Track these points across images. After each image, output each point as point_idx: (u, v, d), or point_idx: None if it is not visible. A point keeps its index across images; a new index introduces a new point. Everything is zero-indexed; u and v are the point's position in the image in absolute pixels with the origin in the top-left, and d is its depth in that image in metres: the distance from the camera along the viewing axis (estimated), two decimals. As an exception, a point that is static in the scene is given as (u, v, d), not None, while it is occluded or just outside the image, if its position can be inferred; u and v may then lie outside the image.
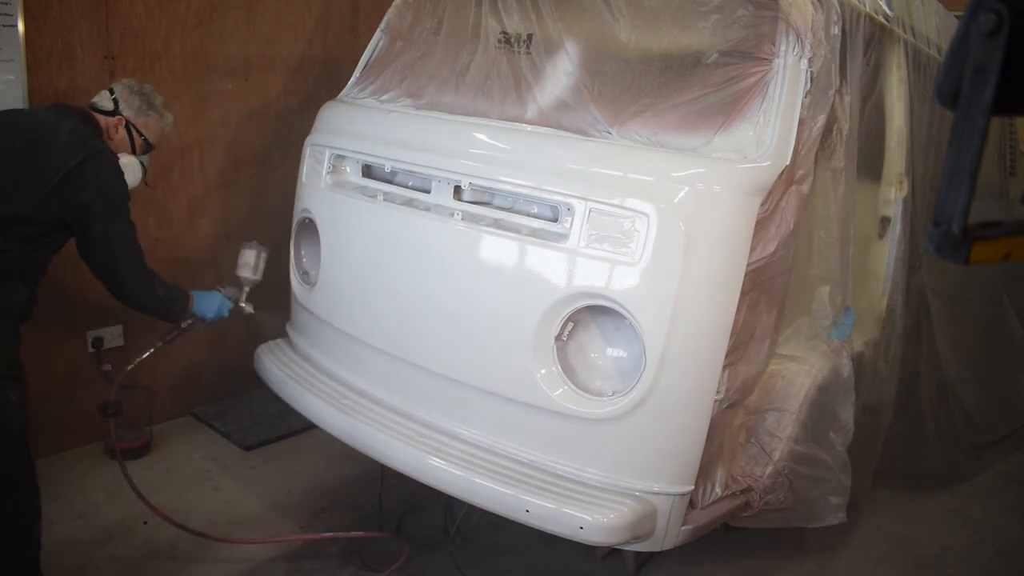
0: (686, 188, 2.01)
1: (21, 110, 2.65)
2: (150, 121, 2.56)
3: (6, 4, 2.82)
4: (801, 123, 2.08)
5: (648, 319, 2.02)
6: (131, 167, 2.50)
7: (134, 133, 2.53)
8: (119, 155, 2.46)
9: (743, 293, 2.05)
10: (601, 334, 2.19)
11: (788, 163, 2.05)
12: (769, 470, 2.37)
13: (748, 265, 2.05)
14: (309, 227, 2.77)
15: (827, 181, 2.40)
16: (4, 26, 2.83)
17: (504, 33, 2.48)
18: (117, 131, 2.50)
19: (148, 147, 2.58)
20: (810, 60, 2.08)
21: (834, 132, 2.33)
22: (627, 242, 2.02)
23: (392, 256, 2.44)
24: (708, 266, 2.01)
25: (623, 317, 2.08)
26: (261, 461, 3.39)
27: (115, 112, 2.50)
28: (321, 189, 2.69)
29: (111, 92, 2.51)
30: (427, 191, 2.41)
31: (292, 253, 2.90)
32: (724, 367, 2.09)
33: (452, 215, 2.31)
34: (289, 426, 3.52)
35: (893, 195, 2.93)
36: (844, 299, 2.59)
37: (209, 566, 2.69)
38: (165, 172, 3.42)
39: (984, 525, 3.40)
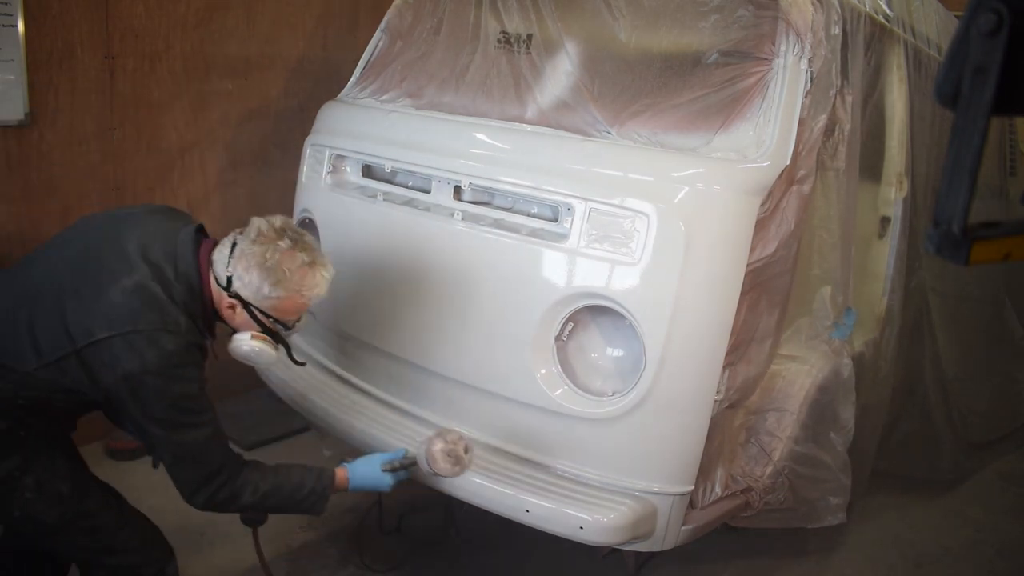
0: (686, 188, 2.01)
1: (119, 219, 1.88)
2: (281, 303, 1.82)
3: (6, 4, 2.82)
4: (801, 123, 2.08)
5: (648, 319, 2.02)
6: (257, 354, 1.88)
7: (259, 315, 1.84)
8: (241, 335, 1.87)
9: (743, 293, 2.05)
10: (601, 334, 2.19)
11: (788, 163, 2.05)
12: (769, 470, 2.37)
13: (748, 265, 2.05)
14: (309, 227, 2.77)
15: (828, 181, 2.40)
16: (4, 26, 2.83)
17: (504, 33, 2.48)
18: (233, 312, 1.84)
19: (286, 326, 1.90)
20: (810, 60, 2.08)
21: (835, 132, 2.33)
22: (627, 242, 2.02)
23: (392, 256, 2.44)
24: (708, 266, 2.01)
25: (623, 317, 2.08)
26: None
27: (229, 289, 1.81)
28: (321, 189, 2.69)
29: (232, 248, 1.81)
30: (427, 191, 2.41)
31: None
32: (724, 367, 2.09)
33: (452, 215, 2.31)
34: (289, 426, 3.52)
35: (893, 195, 2.93)
36: (845, 299, 2.59)
37: (209, 565, 2.69)
38: (165, 172, 3.43)
39: (984, 525, 3.40)
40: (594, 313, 2.15)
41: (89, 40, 3.08)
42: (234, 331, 1.89)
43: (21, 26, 2.87)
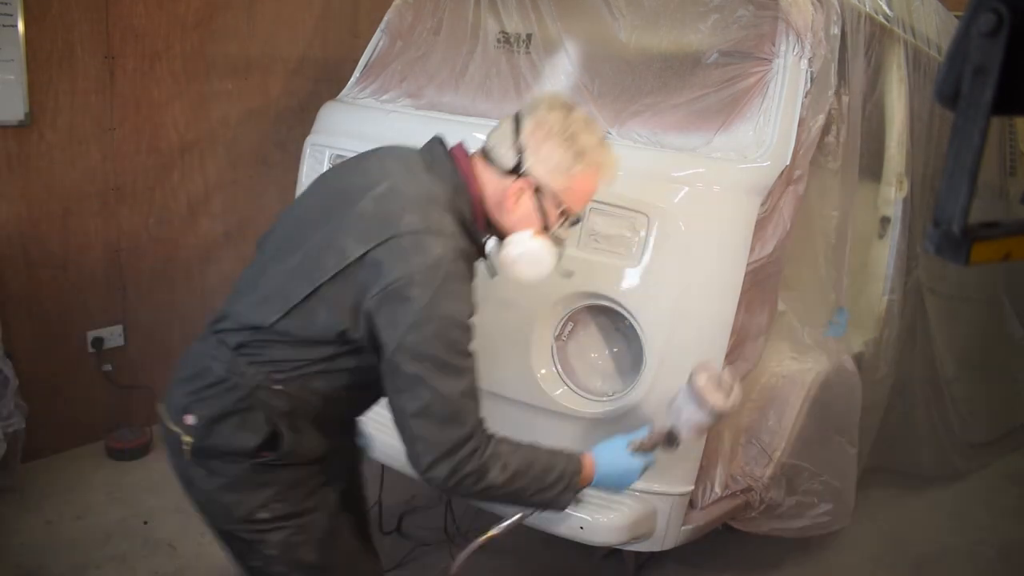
0: (686, 188, 2.01)
1: (377, 153, 1.65)
2: (577, 181, 1.52)
3: (6, 4, 2.82)
4: (801, 123, 2.08)
5: (648, 319, 2.02)
6: (534, 255, 1.55)
7: (547, 203, 1.52)
8: (519, 236, 1.54)
9: (743, 292, 2.05)
10: (601, 334, 2.19)
11: (788, 163, 2.05)
12: (769, 471, 2.37)
13: (748, 265, 2.05)
14: (309, 227, 2.77)
15: (824, 180, 2.40)
16: (4, 26, 2.83)
17: (504, 33, 2.48)
18: (517, 201, 1.52)
19: (574, 220, 1.60)
20: (810, 60, 2.08)
21: (833, 132, 2.33)
22: (627, 242, 2.02)
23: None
24: (708, 266, 2.01)
25: (623, 317, 2.08)
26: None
27: (517, 170, 1.51)
28: (321, 189, 2.68)
29: (516, 127, 1.53)
30: (427, 191, 2.41)
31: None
32: (724, 367, 2.09)
33: (452, 215, 2.30)
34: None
35: (893, 195, 2.93)
36: (838, 298, 2.59)
37: (209, 565, 2.69)
38: (165, 172, 3.43)
39: (984, 525, 3.40)
40: (594, 313, 2.15)
41: (89, 40, 3.08)
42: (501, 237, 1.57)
43: (21, 26, 2.87)
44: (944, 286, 3.45)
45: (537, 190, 1.52)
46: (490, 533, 1.80)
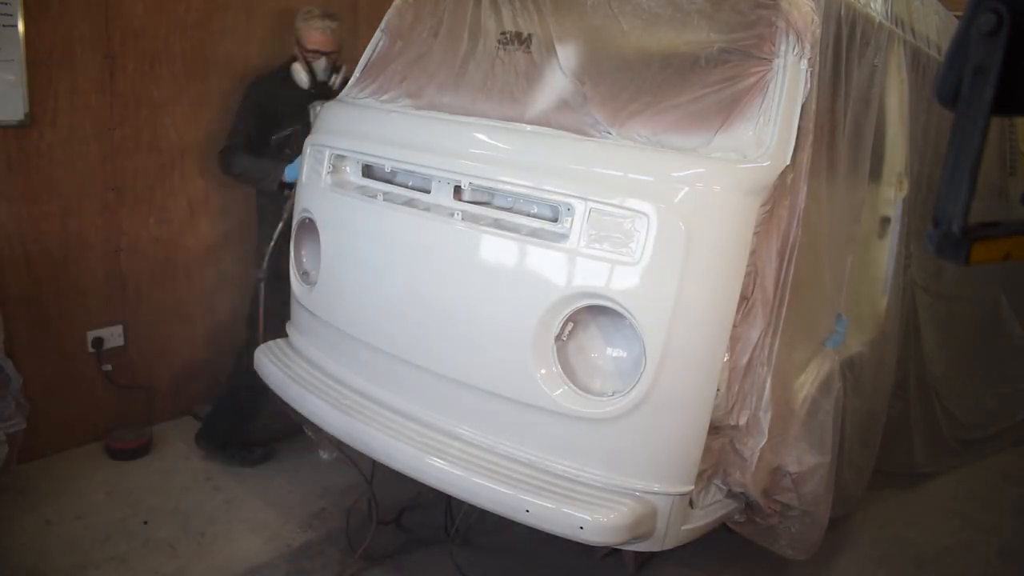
0: (686, 188, 2.01)
1: None
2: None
3: (6, 4, 2.82)
4: (801, 123, 2.08)
5: (648, 319, 2.02)
6: None
7: None
8: None
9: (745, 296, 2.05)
10: (601, 334, 2.19)
11: (788, 163, 2.05)
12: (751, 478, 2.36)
13: (748, 265, 2.05)
14: (309, 227, 2.77)
15: (823, 183, 2.39)
16: (4, 26, 2.84)
17: (504, 33, 2.48)
18: None
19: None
20: (810, 60, 2.08)
21: (832, 133, 2.33)
22: (627, 242, 2.01)
23: (392, 256, 2.44)
24: (708, 266, 2.01)
25: (623, 317, 2.08)
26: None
27: None
28: (321, 189, 2.69)
29: None
30: (427, 191, 2.41)
31: (292, 253, 2.90)
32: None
33: (452, 215, 2.31)
34: (289, 426, 3.52)
35: (893, 195, 2.93)
36: (837, 305, 2.59)
37: (209, 565, 2.69)
38: (165, 172, 3.43)
39: (984, 525, 3.40)
40: (594, 313, 2.15)
41: (89, 40, 3.09)
42: None
43: (21, 26, 2.87)
44: (937, 285, 3.45)
45: None
46: None
